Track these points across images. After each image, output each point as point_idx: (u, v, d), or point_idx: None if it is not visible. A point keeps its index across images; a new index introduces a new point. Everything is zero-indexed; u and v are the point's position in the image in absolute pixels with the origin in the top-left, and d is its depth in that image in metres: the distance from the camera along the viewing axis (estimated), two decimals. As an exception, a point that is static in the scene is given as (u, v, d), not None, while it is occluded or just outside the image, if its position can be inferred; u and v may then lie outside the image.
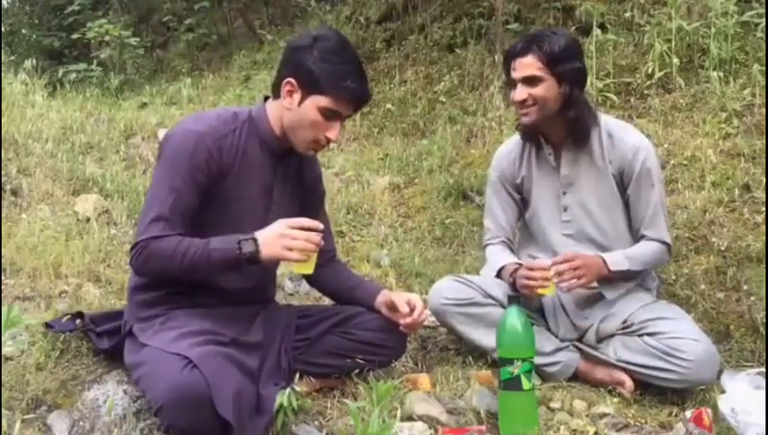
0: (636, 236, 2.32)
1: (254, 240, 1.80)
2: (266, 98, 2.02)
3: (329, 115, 1.89)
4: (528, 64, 2.20)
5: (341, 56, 1.88)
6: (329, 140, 1.93)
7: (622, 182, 2.30)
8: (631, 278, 2.30)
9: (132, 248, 1.84)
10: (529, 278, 2.20)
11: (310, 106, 1.88)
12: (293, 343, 2.04)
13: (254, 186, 1.96)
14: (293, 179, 2.07)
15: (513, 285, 2.28)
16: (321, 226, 1.86)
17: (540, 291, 2.20)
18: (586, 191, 2.33)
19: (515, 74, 2.24)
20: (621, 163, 2.27)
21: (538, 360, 2.09)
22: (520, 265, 2.31)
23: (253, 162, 1.95)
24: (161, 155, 1.90)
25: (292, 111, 1.90)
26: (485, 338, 2.26)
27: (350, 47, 1.93)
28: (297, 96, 1.89)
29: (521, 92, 2.22)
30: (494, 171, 2.50)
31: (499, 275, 2.37)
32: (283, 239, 1.81)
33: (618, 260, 2.24)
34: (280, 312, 2.12)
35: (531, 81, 2.21)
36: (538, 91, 2.21)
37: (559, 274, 2.16)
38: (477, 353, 2.34)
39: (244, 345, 1.85)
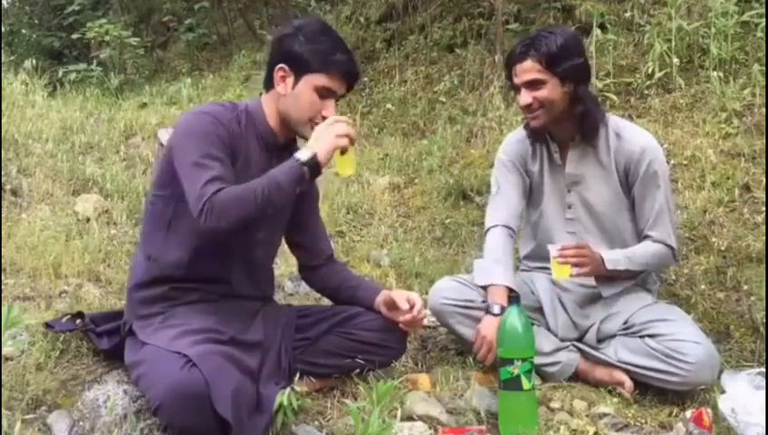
0: (640, 236, 2.32)
1: (306, 149, 1.82)
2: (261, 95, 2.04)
3: (323, 93, 1.92)
4: (528, 69, 2.19)
5: (326, 35, 1.95)
6: (325, 119, 1.93)
7: (627, 182, 2.29)
8: (630, 277, 2.30)
9: (197, 203, 1.75)
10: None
11: (304, 87, 1.91)
12: (294, 342, 2.04)
13: (255, 176, 1.96)
14: None
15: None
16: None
17: (557, 275, 2.19)
18: (591, 190, 2.32)
19: (517, 80, 2.23)
20: (627, 163, 2.26)
21: (538, 360, 2.09)
22: (510, 290, 2.23)
23: (252, 155, 1.96)
24: (182, 135, 1.87)
25: (287, 95, 1.94)
26: None
27: (333, 29, 2.01)
28: (290, 80, 1.93)
29: (525, 97, 2.21)
30: (505, 154, 2.45)
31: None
32: (328, 132, 1.84)
33: (616, 259, 2.23)
34: (280, 311, 2.12)
35: (533, 84, 2.19)
36: (542, 93, 2.19)
37: (563, 256, 2.16)
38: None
39: (243, 344, 1.85)
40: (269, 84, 1.98)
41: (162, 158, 1.98)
